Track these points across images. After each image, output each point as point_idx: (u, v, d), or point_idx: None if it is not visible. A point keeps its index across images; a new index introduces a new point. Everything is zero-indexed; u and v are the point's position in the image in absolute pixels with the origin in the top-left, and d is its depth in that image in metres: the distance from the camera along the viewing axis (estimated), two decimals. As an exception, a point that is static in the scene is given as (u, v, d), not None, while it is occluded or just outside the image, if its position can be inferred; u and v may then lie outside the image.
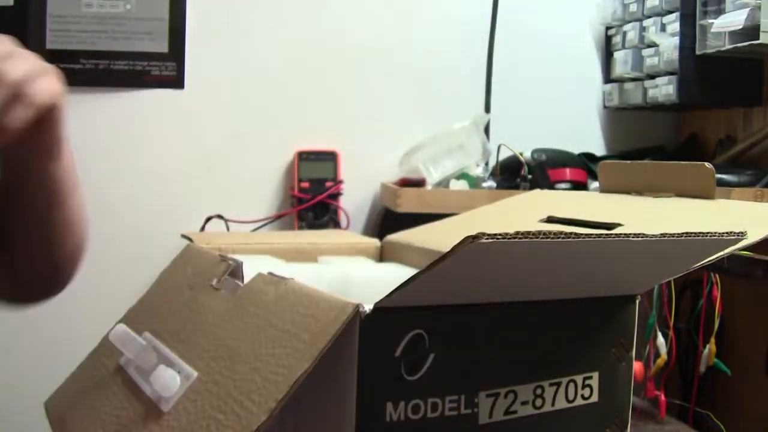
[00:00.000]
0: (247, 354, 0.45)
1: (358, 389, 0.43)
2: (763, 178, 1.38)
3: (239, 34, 1.60)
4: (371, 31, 1.64)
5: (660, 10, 1.51)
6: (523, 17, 1.69)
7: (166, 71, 1.57)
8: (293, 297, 0.46)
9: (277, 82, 1.61)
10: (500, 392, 0.49)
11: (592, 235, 0.44)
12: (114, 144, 1.55)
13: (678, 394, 1.44)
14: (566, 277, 0.49)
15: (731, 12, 1.32)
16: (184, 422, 0.44)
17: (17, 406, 0.77)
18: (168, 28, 1.56)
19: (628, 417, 0.56)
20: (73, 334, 1.17)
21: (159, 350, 0.52)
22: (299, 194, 1.56)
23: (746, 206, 0.62)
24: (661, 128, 1.75)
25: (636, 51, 1.59)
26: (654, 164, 0.69)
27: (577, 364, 0.53)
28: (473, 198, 1.39)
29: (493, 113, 1.66)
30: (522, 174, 1.48)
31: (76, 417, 0.55)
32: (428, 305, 0.45)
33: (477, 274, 0.44)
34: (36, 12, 1.52)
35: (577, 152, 1.59)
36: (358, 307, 0.42)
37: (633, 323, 0.56)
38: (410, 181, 1.47)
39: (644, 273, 0.54)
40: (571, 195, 0.88)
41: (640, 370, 1.21)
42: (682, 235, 0.46)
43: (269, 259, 0.70)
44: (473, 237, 0.38)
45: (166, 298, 0.60)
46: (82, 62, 1.54)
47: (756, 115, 1.52)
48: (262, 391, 0.41)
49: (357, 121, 1.64)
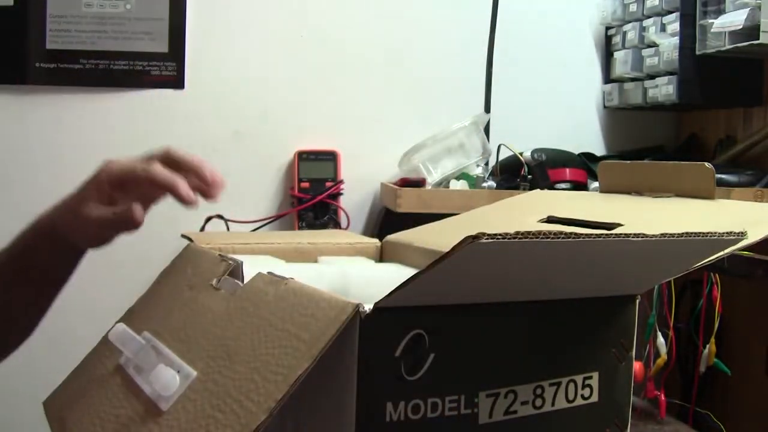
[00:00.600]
0: (246, 354, 0.45)
1: (358, 389, 0.43)
2: (763, 178, 1.38)
3: (239, 34, 1.60)
4: (371, 32, 1.64)
5: (660, 10, 1.51)
6: (523, 17, 1.68)
7: (166, 71, 1.57)
8: (293, 297, 0.46)
9: (277, 82, 1.61)
10: (500, 392, 0.49)
11: (592, 235, 0.44)
12: (114, 144, 1.55)
13: (678, 394, 1.44)
14: (566, 277, 0.49)
15: (731, 12, 1.32)
16: (183, 421, 0.44)
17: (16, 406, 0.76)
18: (168, 28, 1.56)
19: (628, 417, 0.56)
20: (72, 333, 1.17)
21: (158, 349, 0.52)
22: (299, 194, 1.56)
23: (746, 206, 0.62)
24: (661, 128, 1.75)
25: (636, 51, 1.59)
26: (654, 164, 0.69)
27: (577, 364, 0.53)
28: (473, 198, 1.39)
29: (493, 113, 1.65)
30: (522, 174, 1.48)
31: (75, 416, 0.55)
32: (428, 305, 0.45)
33: (477, 274, 0.44)
34: (36, 12, 1.52)
35: (577, 152, 1.59)
36: (358, 307, 0.42)
37: (633, 323, 0.56)
38: (410, 181, 1.47)
39: (644, 273, 0.54)
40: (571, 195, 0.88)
41: (640, 370, 1.21)
42: (682, 235, 0.46)
43: (269, 259, 0.70)
44: (473, 237, 0.38)
45: (166, 297, 0.60)
46: (82, 62, 1.54)
47: (756, 115, 1.52)
48: (262, 390, 0.41)
49: (357, 121, 1.64)
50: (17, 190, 1.51)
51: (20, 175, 1.52)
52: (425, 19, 1.66)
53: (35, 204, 0.74)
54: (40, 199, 0.74)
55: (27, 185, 1.51)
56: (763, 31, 1.25)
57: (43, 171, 1.52)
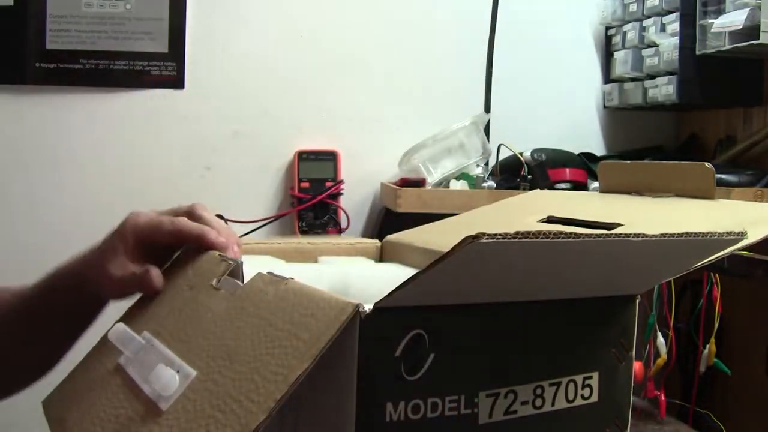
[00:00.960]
0: (246, 353, 0.45)
1: (358, 389, 0.43)
2: (763, 178, 1.38)
3: (239, 35, 1.60)
4: (371, 31, 1.64)
5: (660, 10, 1.51)
6: (523, 17, 1.69)
7: (166, 71, 1.57)
8: (293, 297, 0.46)
9: (277, 82, 1.61)
10: (500, 392, 0.49)
11: (592, 235, 0.44)
12: (114, 144, 1.55)
13: (678, 394, 1.44)
14: (566, 277, 0.49)
15: (731, 12, 1.32)
16: (183, 421, 0.44)
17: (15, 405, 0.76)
18: (168, 28, 1.56)
19: (628, 417, 0.56)
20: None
21: (158, 349, 0.52)
22: (299, 194, 1.56)
23: (746, 206, 0.62)
24: (661, 128, 1.76)
25: (636, 51, 1.59)
26: (654, 164, 0.69)
27: (577, 364, 0.53)
28: (473, 198, 1.39)
29: (493, 113, 1.66)
30: (522, 174, 1.48)
31: (74, 416, 0.55)
32: (428, 305, 0.45)
33: (477, 274, 0.44)
34: (36, 12, 1.52)
35: (577, 152, 1.59)
36: (358, 307, 0.42)
37: (633, 323, 0.56)
38: (410, 181, 1.47)
39: (644, 273, 0.54)
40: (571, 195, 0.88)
41: (640, 370, 1.21)
42: (682, 235, 0.46)
43: (269, 259, 0.70)
44: (473, 237, 0.38)
45: (166, 297, 0.60)
46: (82, 62, 1.54)
47: (756, 115, 1.52)
48: (262, 390, 0.41)
49: (357, 121, 1.64)
50: (17, 190, 1.51)
51: (20, 175, 1.52)
52: (425, 19, 1.66)
53: (35, 204, 0.74)
54: (39, 199, 0.74)
55: (27, 185, 1.51)
56: (763, 31, 1.26)
57: (42, 171, 1.52)
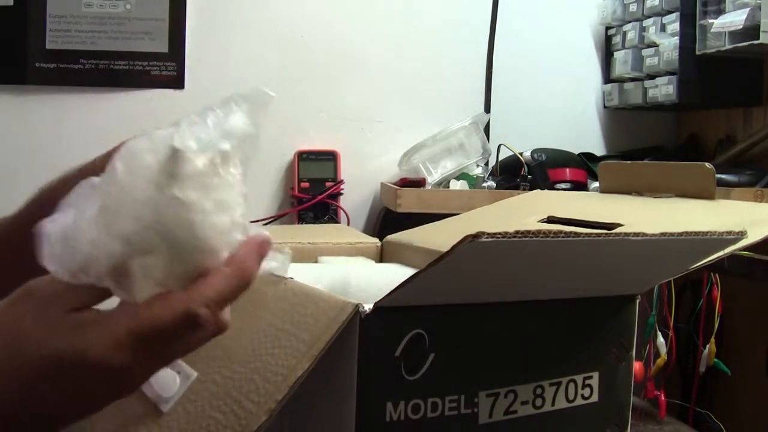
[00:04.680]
0: (246, 354, 0.45)
1: (358, 389, 0.43)
2: (763, 178, 1.38)
3: (239, 35, 1.60)
4: (371, 32, 1.64)
5: (660, 10, 1.50)
6: (523, 17, 1.68)
7: (166, 71, 1.57)
8: (293, 297, 0.46)
9: (277, 82, 1.61)
10: (500, 392, 0.49)
11: (592, 235, 0.44)
12: (114, 144, 1.55)
13: (678, 394, 1.44)
14: (566, 277, 0.49)
15: (731, 12, 1.32)
16: (183, 422, 0.44)
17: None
18: (168, 28, 1.56)
19: (628, 417, 0.56)
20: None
21: (159, 350, 0.52)
22: (299, 194, 1.56)
23: (746, 206, 0.62)
24: (661, 128, 1.75)
25: (636, 51, 1.58)
26: (654, 164, 0.69)
27: (577, 364, 0.53)
28: (473, 198, 1.38)
29: (493, 113, 1.65)
30: (522, 174, 1.48)
31: (75, 417, 0.55)
32: (428, 305, 0.45)
33: (477, 274, 0.44)
34: (36, 12, 1.52)
35: (577, 152, 1.59)
36: (358, 307, 0.42)
37: (633, 323, 0.56)
38: (410, 181, 1.47)
39: (644, 273, 0.54)
40: (571, 195, 0.88)
41: (640, 370, 1.21)
42: (682, 235, 0.46)
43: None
44: (473, 236, 0.38)
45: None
46: (82, 62, 1.54)
47: (756, 115, 1.52)
48: (262, 391, 0.41)
49: (357, 121, 1.64)
50: (17, 190, 1.51)
51: (20, 175, 1.52)
52: (425, 19, 1.66)
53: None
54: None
55: (27, 185, 1.51)
56: (763, 31, 1.25)
57: (43, 171, 1.51)
